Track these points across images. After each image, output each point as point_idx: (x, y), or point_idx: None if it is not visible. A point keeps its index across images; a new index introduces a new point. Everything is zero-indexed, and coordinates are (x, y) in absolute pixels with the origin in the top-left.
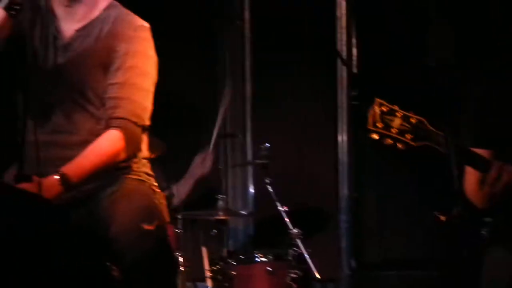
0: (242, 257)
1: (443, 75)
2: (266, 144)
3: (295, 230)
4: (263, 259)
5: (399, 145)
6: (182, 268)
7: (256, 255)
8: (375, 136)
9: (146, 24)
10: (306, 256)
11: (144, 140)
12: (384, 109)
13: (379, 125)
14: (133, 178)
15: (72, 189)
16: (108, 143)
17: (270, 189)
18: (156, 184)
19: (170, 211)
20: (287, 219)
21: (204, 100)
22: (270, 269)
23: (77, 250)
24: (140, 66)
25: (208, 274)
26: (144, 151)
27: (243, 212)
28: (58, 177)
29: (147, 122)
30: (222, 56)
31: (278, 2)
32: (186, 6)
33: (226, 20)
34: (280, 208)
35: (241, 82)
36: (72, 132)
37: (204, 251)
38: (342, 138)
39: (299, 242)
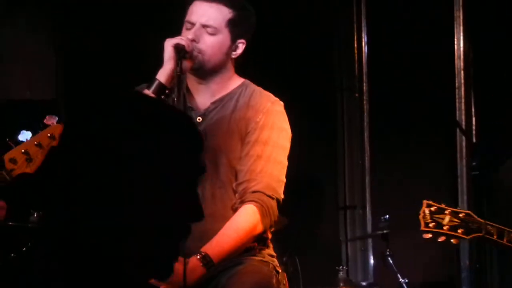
0: None
1: None
2: (386, 215)
3: None
4: None
5: (453, 240)
6: None
7: None
8: (429, 236)
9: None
10: None
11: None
12: (433, 209)
13: (431, 225)
14: (257, 259)
15: (213, 269)
16: (245, 218)
17: (390, 260)
18: (278, 264)
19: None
20: None
21: (323, 171)
22: None
23: None
24: (276, 139)
25: None
26: (267, 232)
27: (364, 284)
28: (199, 257)
29: (282, 195)
30: (341, 128)
31: (395, 73)
32: (304, 78)
33: (345, 92)
34: (401, 279)
35: (360, 154)
36: (206, 203)
37: None
38: (463, 208)
39: None
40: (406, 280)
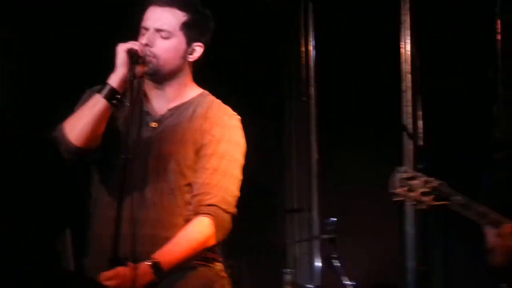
0: None
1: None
2: (332, 218)
3: None
4: None
5: (423, 206)
6: None
7: None
8: (399, 198)
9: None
10: None
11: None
12: (408, 175)
13: (403, 189)
14: (202, 264)
15: (163, 277)
16: (199, 229)
17: (337, 263)
18: (223, 268)
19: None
20: None
21: (270, 174)
22: None
23: None
24: (232, 153)
25: None
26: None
27: (310, 287)
28: (151, 263)
29: (235, 209)
30: (288, 131)
31: (343, 78)
32: (250, 82)
33: (292, 97)
34: (347, 282)
35: (307, 157)
36: (154, 208)
37: None
38: (409, 209)
39: None
40: (354, 283)
